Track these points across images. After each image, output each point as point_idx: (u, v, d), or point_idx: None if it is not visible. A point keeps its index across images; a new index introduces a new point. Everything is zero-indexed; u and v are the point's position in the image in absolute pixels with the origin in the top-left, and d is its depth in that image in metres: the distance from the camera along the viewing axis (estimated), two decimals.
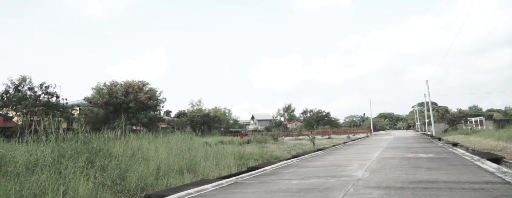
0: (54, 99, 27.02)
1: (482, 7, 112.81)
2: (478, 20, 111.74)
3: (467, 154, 11.48)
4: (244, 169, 10.38)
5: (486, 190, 4.97)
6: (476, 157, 9.69)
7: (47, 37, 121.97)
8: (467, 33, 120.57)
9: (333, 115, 75.96)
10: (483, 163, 8.37)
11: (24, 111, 25.39)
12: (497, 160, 9.66)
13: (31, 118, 24.15)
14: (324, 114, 71.87)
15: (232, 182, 7.15)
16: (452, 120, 44.61)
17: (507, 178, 5.94)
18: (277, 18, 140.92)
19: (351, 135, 44.62)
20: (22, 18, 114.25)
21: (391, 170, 7.92)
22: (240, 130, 60.18)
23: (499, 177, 6.20)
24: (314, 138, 20.87)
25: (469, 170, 7.39)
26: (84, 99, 33.74)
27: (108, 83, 34.13)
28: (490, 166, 7.77)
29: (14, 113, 26.73)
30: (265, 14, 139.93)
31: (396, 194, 5.01)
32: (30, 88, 26.23)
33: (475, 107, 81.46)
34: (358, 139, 34.99)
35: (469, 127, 40.92)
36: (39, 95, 26.48)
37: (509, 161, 10.19)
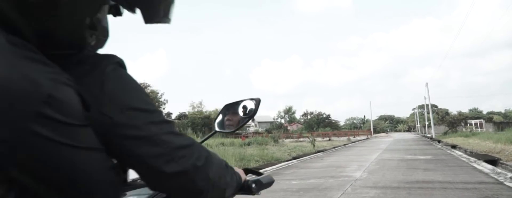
0: None
1: (482, 9, 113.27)
2: (478, 22, 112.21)
3: (465, 155, 11.68)
4: None
5: (478, 190, 5.17)
6: (472, 159, 9.89)
7: None
8: (467, 35, 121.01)
9: (333, 117, 76.31)
10: (479, 165, 8.56)
11: None
12: (493, 161, 9.85)
13: None
14: (324, 116, 72.09)
15: None
16: (452, 122, 44.73)
17: (500, 179, 6.14)
18: (277, 20, 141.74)
19: (351, 137, 44.73)
20: None
21: (388, 171, 8.11)
22: (240, 132, 60.30)
23: (492, 177, 6.39)
24: (315, 140, 21.01)
25: (465, 171, 7.59)
26: None
27: None
28: (486, 167, 7.96)
29: None
30: (266, 16, 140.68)
31: (392, 193, 5.21)
32: None
33: (475, 109, 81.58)
34: (358, 141, 35.17)
35: (468, 129, 40.99)
36: None
37: (505, 162, 10.36)
